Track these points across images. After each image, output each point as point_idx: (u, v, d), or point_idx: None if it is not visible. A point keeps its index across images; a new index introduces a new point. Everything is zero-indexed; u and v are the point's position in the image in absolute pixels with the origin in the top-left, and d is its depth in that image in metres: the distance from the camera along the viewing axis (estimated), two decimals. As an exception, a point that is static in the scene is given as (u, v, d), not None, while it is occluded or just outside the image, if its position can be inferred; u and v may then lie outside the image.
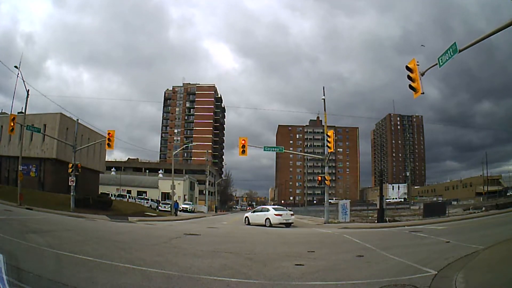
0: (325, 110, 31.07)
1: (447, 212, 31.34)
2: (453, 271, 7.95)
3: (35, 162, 40.74)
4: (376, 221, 28.55)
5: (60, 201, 31.86)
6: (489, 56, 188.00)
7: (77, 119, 35.19)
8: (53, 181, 40.08)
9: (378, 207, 29.53)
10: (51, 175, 40.64)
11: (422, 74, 16.20)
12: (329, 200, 33.27)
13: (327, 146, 27.75)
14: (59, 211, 27.44)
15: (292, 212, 29.22)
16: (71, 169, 31.49)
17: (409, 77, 16.09)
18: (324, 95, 31.23)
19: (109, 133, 29.98)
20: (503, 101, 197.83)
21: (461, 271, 7.78)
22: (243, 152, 28.91)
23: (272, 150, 32.80)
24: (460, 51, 14.22)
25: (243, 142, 28.93)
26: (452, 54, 14.44)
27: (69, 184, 31.12)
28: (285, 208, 33.13)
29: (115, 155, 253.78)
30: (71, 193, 30.43)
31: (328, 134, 27.76)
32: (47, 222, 19.17)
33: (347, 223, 28.12)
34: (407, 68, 16.23)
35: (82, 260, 8.40)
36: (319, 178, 30.57)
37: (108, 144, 30.02)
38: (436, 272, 7.83)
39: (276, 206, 32.28)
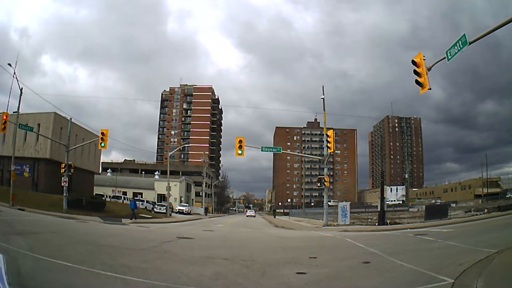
0: (324, 109, 30.19)
1: (449, 214, 30.57)
2: (471, 278, 7.25)
3: (29, 162, 40.11)
4: (376, 224, 27.74)
5: (53, 202, 31.28)
6: (495, 54, 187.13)
7: (70, 118, 34.58)
8: (47, 182, 39.31)
9: (379, 209, 28.74)
10: (45, 175, 39.89)
11: (429, 69, 15.46)
12: (328, 202, 32.43)
13: (327, 146, 26.79)
14: (51, 212, 26.89)
15: (253, 211, 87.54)
16: (63, 169, 30.75)
17: (415, 72, 15.34)
18: (323, 94, 30.36)
19: (102, 133, 29.17)
20: (507, 100, 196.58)
21: (480, 278, 7.09)
22: (240, 152, 27.95)
23: (270, 151, 31.81)
24: (470, 43, 13.47)
25: (240, 142, 27.99)
26: (461, 46, 13.68)
27: (62, 184, 30.39)
28: (253, 210, 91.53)
29: (112, 156, 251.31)
30: (64, 194, 29.81)
31: (328, 134, 26.78)
32: (36, 223, 18.51)
33: (347, 226, 27.26)
34: (413, 62, 15.48)
35: (61, 266, 7.60)
36: (318, 179, 29.73)
37: (102, 144, 29.19)
38: (453, 280, 7.07)
39: (250, 210, 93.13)
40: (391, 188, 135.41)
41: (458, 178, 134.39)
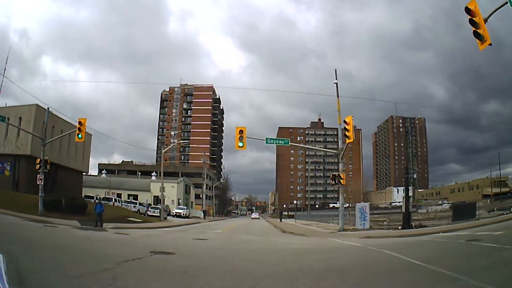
0: (338, 96, 25.94)
1: (476, 214, 26.75)
2: None
3: (10, 159, 36.28)
4: (400, 228, 23.75)
5: (31, 203, 27.52)
6: (498, 54, 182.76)
7: (48, 108, 30.75)
8: (28, 181, 35.22)
9: (403, 210, 24.79)
10: (26, 173, 35.88)
11: (485, 21, 11.66)
12: (333, 205, 28.41)
13: (345, 135, 22.23)
14: (26, 214, 23.75)
15: (257, 213, 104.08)
16: (38, 165, 27.26)
17: (472, 22, 11.51)
18: (336, 79, 26.38)
19: (80, 122, 25.38)
20: (510, 100, 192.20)
21: None
22: (241, 145, 23.77)
23: (275, 143, 27.50)
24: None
25: (240, 133, 23.85)
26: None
27: (38, 183, 26.88)
28: (257, 212, 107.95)
29: (114, 158, 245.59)
30: (39, 194, 26.39)
31: (346, 120, 22.37)
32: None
33: (368, 231, 23.08)
34: (467, 10, 11.66)
35: None
36: (332, 176, 25.62)
37: (79, 135, 25.40)
38: None
39: (254, 213, 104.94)
40: (397, 189, 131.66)
41: (461, 179, 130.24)
